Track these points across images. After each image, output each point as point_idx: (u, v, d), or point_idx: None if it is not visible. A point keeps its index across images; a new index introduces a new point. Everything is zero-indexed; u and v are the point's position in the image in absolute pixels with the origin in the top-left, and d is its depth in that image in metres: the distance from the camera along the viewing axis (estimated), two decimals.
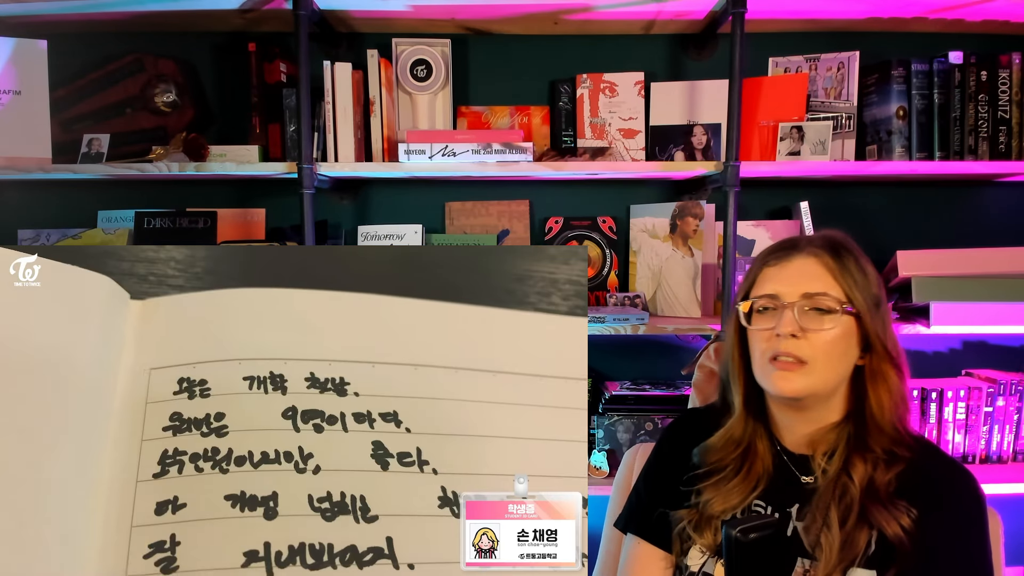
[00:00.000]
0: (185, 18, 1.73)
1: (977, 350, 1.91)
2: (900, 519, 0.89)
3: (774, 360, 0.94)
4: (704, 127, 1.81)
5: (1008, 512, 1.85)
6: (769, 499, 0.99)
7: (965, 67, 1.68)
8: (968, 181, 1.85)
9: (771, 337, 0.94)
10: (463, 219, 1.88)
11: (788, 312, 0.93)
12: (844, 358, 0.94)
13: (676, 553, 1.02)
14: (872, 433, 0.94)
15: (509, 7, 1.65)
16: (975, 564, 0.91)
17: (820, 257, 0.96)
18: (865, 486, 0.92)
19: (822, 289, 0.93)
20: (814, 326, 0.92)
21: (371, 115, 1.71)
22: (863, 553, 0.90)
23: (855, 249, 0.98)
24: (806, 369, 0.92)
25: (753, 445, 1.01)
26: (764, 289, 0.97)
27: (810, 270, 0.95)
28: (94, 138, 1.69)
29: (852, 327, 0.94)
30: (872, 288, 0.95)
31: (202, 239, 1.79)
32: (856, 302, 0.93)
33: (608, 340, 1.88)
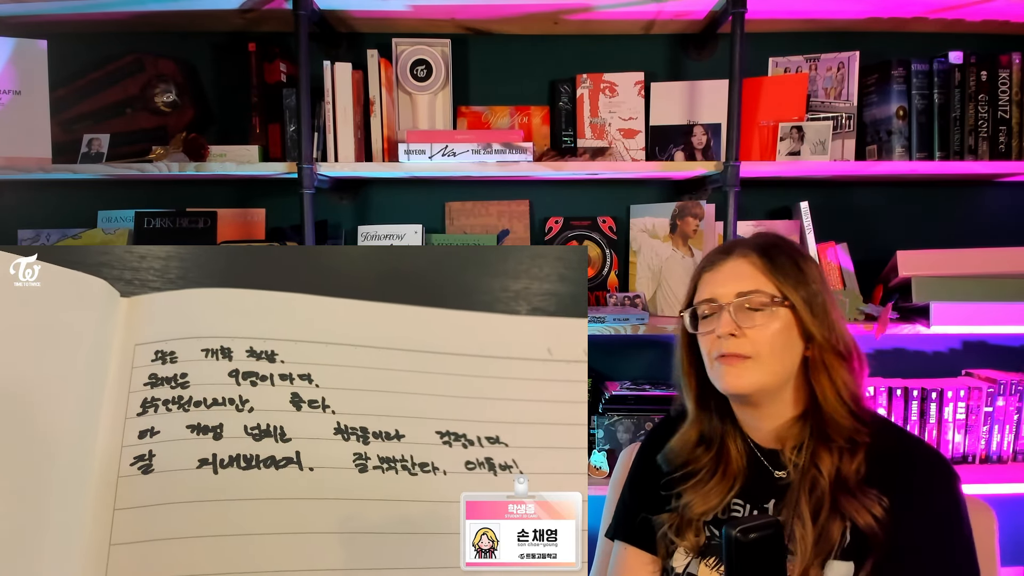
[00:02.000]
0: (185, 18, 1.73)
1: (977, 350, 1.91)
2: (871, 508, 0.90)
3: (720, 358, 0.97)
4: (704, 127, 1.81)
5: (1008, 512, 1.86)
6: (747, 497, 1.01)
7: (965, 67, 1.68)
8: (968, 181, 1.85)
9: (715, 339, 0.98)
10: (463, 219, 1.88)
11: (725, 313, 0.97)
12: (787, 351, 0.97)
13: (662, 556, 1.05)
14: (830, 423, 0.96)
15: (509, 7, 1.65)
16: (954, 539, 0.91)
17: (749, 257, 0.99)
18: (834, 478, 0.93)
19: (753, 287, 0.97)
20: (749, 323, 0.96)
21: (371, 115, 1.71)
22: (838, 545, 0.91)
23: (789, 248, 1.02)
24: (750, 363, 0.95)
25: (725, 445, 1.03)
26: (703, 294, 1.01)
27: (741, 271, 0.99)
28: (94, 138, 1.69)
29: (790, 320, 0.96)
30: (810, 283, 0.98)
31: (202, 239, 1.79)
32: (790, 296, 0.96)
33: (608, 340, 1.88)
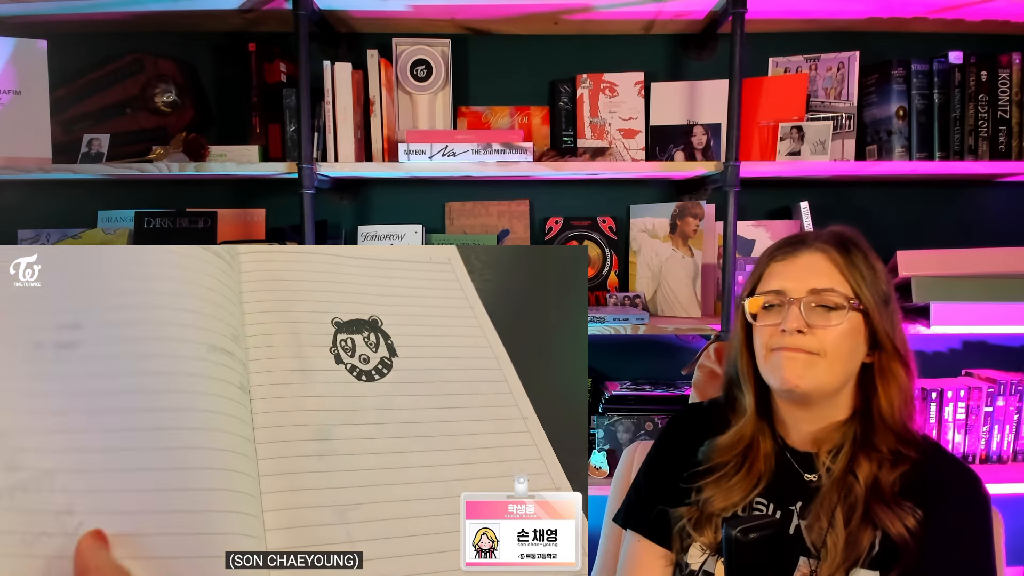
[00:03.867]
0: (185, 18, 1.73)
1: (977, 350, 1.91)
2: (905, 520, 0.88)
3: (781, 349, 0.92)
4: (704, 127, 1.81)
5: (1008, 512, 1.85)
6: (771, 496, 0.98)
7: (965, 67, 1.68)
8: (968, 181, 1.85)
9: (776, 333, 0.93)
10: (463, 219, 1.88)
11: (794, 308, 0.92)
12: (852, 355, 0.93)
13: (676, 551, 1.01)
14: (879, 432, 0.93)
15: (509, 7, 1.65)
16: (979, 568, 0.90)
17: (827, 252, 0.95)
18: (870, 485, 0.91)
19: (829, 285, 0.92)
20: (821, 322, 0.91)
21: (371, 115, 1.71)
22: (867, 553, 0.89)
23: (864, 245, 0.97)
24: (816, 360, 0.91)
25: (756, 442, 0.99)
26: (770, 285, 0.96)
27: (817, 266, 0.94)
28: (94, 138, 1.69)
29: (860, 324, 0.93)
30: (881, 285, 0.94)
31: (202, 239, 1.79)
32: (864, 298, 0.92)
33: (608, 340, 1.88)
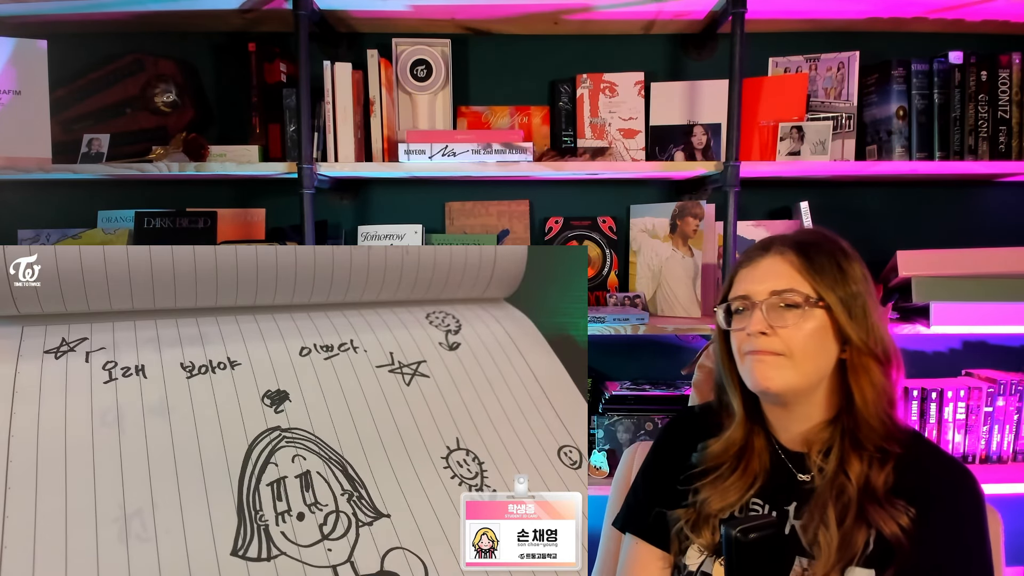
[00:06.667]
0: (185, 18, 1.73)
1: (977, 350, 1.91)
2: (898, 519, 0.89)
3: (751, 353, 0.95)
4: (704, 127, 1.81)
5: (1008, 512, 1.85)
6: (766, 497, 0.99)
7: (965, 67, 1.68)
8: (968, 181, 1.85)
9: (745, 336, 0.96)
10: (463, 219, 1.88)
11: (757, 311, 0.95)
12: (820, 353, 0.95)
13: (674, 552, 1.02)
14: (863, 429, 0.94)
15: (509, 7, 1.65)
16: (974, 563, 0.90)
17: (786, 256, 0.97)
18: (862, 485, 0.92)
19: (788, 286, 0.95)
20: (781, 322, 0.94)
21: (371, 115, 1.71)
22: (861, 552, 0.90)
23: (831, 246, 0.99)
24: (782, 361, 0.93)
25: (750, 443, 1.01)
26: (738, 291, 0.99)
27: (777, 268, 0.97)
28: (94, 138, 1.69)
29: (825, 321, 0.94)
30: (850, 283, 0.95)
31: (202, 239, 1.79)
32: (826, 296, 0.94)
33: (608, 340, 1.88)
